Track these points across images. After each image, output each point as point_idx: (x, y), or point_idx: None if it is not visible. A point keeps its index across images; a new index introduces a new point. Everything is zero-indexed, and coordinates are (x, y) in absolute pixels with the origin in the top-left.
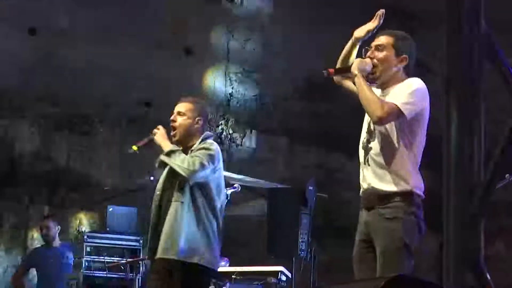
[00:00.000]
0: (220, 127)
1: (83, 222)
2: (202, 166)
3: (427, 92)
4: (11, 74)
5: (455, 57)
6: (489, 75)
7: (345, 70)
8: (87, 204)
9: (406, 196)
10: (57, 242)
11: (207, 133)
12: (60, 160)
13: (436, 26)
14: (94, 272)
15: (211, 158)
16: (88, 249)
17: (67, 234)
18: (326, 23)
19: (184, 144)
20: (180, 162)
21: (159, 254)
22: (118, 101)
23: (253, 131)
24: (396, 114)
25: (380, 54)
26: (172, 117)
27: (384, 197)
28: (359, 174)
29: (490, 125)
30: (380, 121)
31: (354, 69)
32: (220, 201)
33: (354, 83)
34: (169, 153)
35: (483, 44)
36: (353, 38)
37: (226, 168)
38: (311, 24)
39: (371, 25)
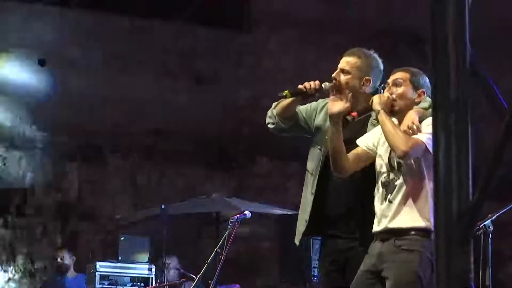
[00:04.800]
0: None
1: (95, 251)
2: None
3: None
4: (22, 105)
5: (442, 79)
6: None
7: (368, 110)
8: (99, 233)
9: (424, 231)
10: (72, 273)
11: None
12: (72, 190)
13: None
14: None
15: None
16: (100, 278)
17: (79, 263)
18: (335, 48)
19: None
20: None
21: None
22: (130, 131)
23: (264, 157)
24: (421, 149)
25: (399, 90)
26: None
27: (401, 231)
28: None
29: (479, 146)
30: (405, 156)
31: (377, 106)
32: None
33: (377, 120)
34: None
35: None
36: None
37: (237, 195)
38: (319, 49)
39: None
